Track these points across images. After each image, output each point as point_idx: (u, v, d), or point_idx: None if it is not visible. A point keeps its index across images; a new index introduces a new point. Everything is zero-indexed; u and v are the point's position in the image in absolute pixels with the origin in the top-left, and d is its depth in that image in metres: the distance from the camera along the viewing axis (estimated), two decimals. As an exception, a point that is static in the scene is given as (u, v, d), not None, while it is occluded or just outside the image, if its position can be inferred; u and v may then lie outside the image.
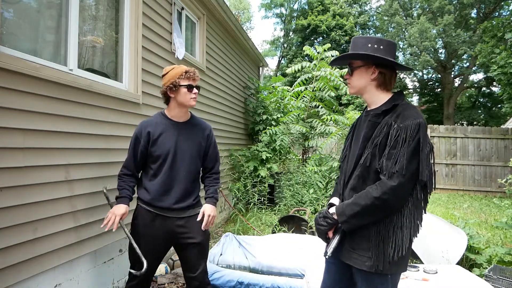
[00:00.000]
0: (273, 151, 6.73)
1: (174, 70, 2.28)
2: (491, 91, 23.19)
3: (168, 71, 2.30)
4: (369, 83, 1.62)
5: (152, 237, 2.26)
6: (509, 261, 3.62)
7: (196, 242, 2.30)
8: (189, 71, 2.28)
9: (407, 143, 1.44)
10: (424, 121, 1.49)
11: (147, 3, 3.49)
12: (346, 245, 1.61)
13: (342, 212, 1.55)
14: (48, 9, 2.47)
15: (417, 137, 1.44)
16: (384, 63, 1.59)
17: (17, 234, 2.00)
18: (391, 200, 1.43)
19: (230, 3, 32.73)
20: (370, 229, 1.52)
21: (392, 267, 1.51)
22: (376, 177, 1.51)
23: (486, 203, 8.52)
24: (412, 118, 1.48)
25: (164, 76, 2.30)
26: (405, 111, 1.52)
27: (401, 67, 1.67)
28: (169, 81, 2.25)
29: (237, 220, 5.46)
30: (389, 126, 1.51)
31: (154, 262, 2.32)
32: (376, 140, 1.52)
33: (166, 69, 2.33)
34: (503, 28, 10.30)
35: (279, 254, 3.50)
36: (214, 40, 5.58)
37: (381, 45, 1.57)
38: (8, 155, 1.95)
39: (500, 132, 10.03)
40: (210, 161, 2.49)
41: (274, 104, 7.97)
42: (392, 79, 1.63)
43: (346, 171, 1.68)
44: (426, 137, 1.48)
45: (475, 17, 21.40)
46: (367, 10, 29.89)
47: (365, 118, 1.67)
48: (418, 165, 1.44)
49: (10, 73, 1.94)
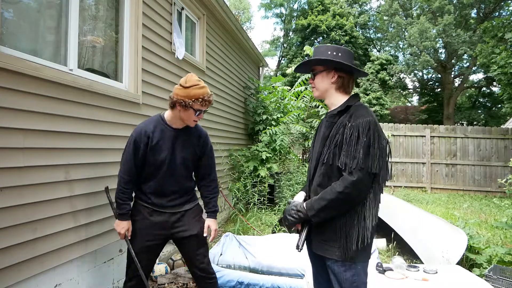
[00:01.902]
0: (273, 151, 6.73)
1: (193, 90, 2.13)
2: (491, 91, 23.18)
3: (189, 85, 2.14)
4: (330, 85, 1.79)
5: (150, 231, 2.29)
6: (509, 261, 3.62)
7: (193, 234, 2.35)
8: (206, 100, 2.17)
9: (360, 140, 1.59)
10: (374, 119, 1.65)
11: (147, 3, 3.49)
12: (317, 238, 1.76)
13: (311, 206, 1.68)
14: (48, 9, 2.47)
15: (368, 134, 1.59)
16: (342, 68, 1.77)
17: (17, 234, 2.00)
18: (353, 194, 1.58)
19: (230, 3, 32.73)
20: (337, 221, 1.66)
21: (359, 255, 1.66)
22: (340, 174, 1.65)
23: (486, 203, 8.52)
24: (363, 117, 1.64)
25: (183, 88, 2.15)
26: (357, 111, 1.68)
27: (359, 72, 1.83)
28: (183, 98, 2.13)
29: (237, 220, 5.46)
30: (343, 126, 1.66)
31: (150, 259, 2.35)
32: (335, 140, 1.67)
33: (188, 81, 2.16)
34: (503, 28, 10.30)
35: (279, 254, 3.50)
36: (214, 40, 5.58)
37: (339, 53, 1.76)
38: (8, 155, 1.95)
39: (500, 132, 10.03)
40: (206, 168, 2.47)
41: (274, 104, 7.97)
42: (350, 83, 1.81)
43: (311, 169, 1.85)
44: (377, 133, 1.62)
45: (475, 17, 21.38)
46: (367, 10, 29.89)
47: (325, 119, 1.87)
48: (374, 161, 1.59)
49: (10, 73, 1.95)
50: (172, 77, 4.05)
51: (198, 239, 2.37)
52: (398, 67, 23.08)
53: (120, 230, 2.26)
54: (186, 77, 2.20)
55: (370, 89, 22.10)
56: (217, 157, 5.54)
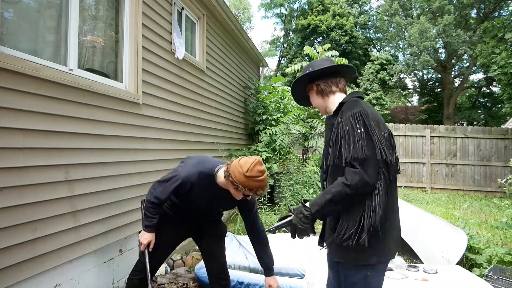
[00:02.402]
0: (273, 151, 6.73)
1: (253, 181, 2.07)
2: (491, 91, 23.18)
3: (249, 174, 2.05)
4: (317, 97, 1.86)
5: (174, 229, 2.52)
6: (509, 261, 3.62)
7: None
8: (259, 192, 2.13)
9: (355, 131, 1.54)
10: (364, 110, 1.59)
11: (147, 3, 3.49)
12: (335, 242, 1.63)
13: (314, 202, 1.60)
14: (48, 9, 2.47)
15: (362, 123, 1.55)
16: (314, 76, 1.83)
17: (17, 234, 2.00)
18: (358, 184, 1.49)
19: (230, 3, 32.73)
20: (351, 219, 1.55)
21: (369, 256, 1.57)
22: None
23: (486, 203, 8.52)
24: (351, 110, 1.61)
25: (243, 175, 2.06)
26: (347, 107, 1.66)
27: (330, 68, 1.81)
28: (238, 180, 2.07)
29: (237, 220, 5.45)
30: (337, 123, 1.65)
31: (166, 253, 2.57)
32: (333, 139, 1.64)
33: (250, 169, 2.06)
34: (503, 29, 10.30)
35: (279, 254, 3.50)
36: (214, 40, 5.58)
37: (310, 67, 1.84)
38: (8, 155, 1.95)
39: (500, 132, 10.03)
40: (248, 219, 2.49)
41: (274, 104, 7.97)
42: (328, 85, 1.82)
43: (322, 175, 1.86)
44: (373, 122, 1.57)
45: (475, 17, 21.38)
46: (367, 10, 29.89)
47: (327, 124, 1.89)
48: (374, 147, 1.52)
49: (10, 73, 1.94)
50: (172, 77, 4.05)
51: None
52: (398, 67, 23.09)
53: (143, 240, 2.31)
54: (250, 164, 2.08)
55: (370, 89, 22.10)
56: (217, 157, 5.54)
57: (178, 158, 4.22)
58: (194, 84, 4.70)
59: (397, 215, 1.73)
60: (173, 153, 4.09)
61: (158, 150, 3.70)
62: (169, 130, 3.97)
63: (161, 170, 3.64)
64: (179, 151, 4.26)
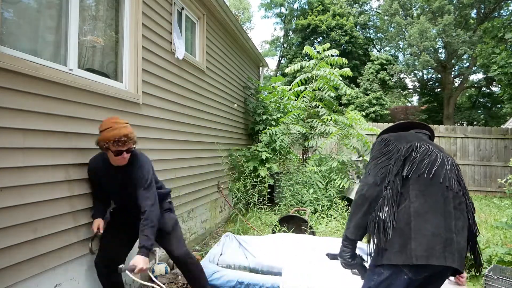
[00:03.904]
0: (273, 151, 6.72)
1: (107, 132, 2.32)
2: (491, 91, 23.18)
3: (103, 129, 2.36)
4: None
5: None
6: (509, 261, 3.62)
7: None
8: (119, 141, 2.31)
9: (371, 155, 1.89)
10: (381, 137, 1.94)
11: (147, 3, 3.49)
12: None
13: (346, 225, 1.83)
14: (48, 9, 2.47)
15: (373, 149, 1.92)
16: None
17: (17, 234, 2.00)
18: (364, 189, 1.75)
19: (230, 3, 32.73)
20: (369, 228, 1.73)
21: (383, 256, 1.64)
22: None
23: (486, 203, 8.52)
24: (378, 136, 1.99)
25: (100, 132, 2.38)
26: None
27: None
28: (100, 140, 2.35)
29: (237, 220, 5.46)
30: None
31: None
32: None
33: (103, 125, 2.38)
34: (503, 29, 10.30)
35: (279, 254, 3.50)
36: (214, 40, 5.58)
37: None
38: (8, 155, 1.95)
39: (500, 132, 10.03)
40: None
41: (274, 104, 7.96)
42: None
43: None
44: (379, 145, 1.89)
45: (475, 17, 21.38)
46: (367, 10, 29.90)
47: None
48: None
49: (10, 73, 1.94)
50: (172, 77, 4.05)
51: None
52: (398, 67, 23.09)
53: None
54: (103, 122, 2.42)
55: (370, 89, 22.09)
56: (217, 157, 5.55)
57: (178, 158, 4.22)
58: (194, 84, 4.70)
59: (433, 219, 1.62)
60: (173, 153, 4.09)
61: (158, 150, 3.70)
62: (169, 130, 3.97)
63: (161, 170, 3.64)
64: (179, 151, 4.26)
